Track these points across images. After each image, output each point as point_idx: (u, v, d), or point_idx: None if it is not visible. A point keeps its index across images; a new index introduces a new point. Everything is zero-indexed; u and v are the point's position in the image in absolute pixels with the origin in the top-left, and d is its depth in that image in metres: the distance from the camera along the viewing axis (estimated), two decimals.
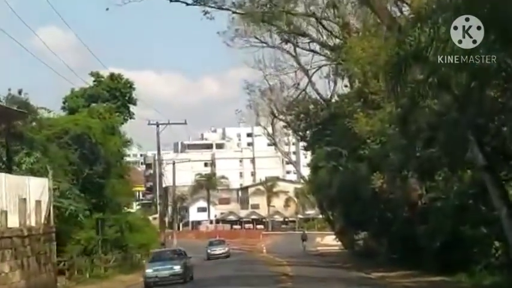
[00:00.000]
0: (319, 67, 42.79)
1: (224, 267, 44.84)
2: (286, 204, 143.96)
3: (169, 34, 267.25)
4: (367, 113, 34.00)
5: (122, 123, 61.77)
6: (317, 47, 42.30)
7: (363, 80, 34.92)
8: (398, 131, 28.41)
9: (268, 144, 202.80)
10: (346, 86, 38.52)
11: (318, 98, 43.66)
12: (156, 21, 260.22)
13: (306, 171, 70.82)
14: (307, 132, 45.30)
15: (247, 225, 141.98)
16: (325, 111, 41.32)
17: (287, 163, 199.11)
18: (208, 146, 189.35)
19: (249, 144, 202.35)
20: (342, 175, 40.40)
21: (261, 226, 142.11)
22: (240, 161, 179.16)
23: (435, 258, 30.68)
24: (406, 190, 30.38)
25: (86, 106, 57.96)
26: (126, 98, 61.86)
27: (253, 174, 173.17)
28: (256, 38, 48.32)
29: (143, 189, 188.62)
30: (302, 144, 48.02)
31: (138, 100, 61.86)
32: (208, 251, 65.04)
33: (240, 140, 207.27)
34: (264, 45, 48.39)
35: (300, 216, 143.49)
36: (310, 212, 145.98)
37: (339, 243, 65.00)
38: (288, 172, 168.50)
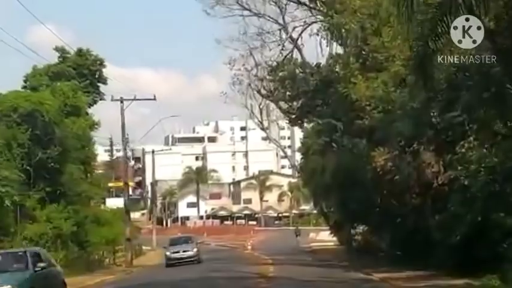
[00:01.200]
0: (308, 24, 35.97)
1: (190, 268, 38.24)
2: (280, 199, 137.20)
3: (166, 31, 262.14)
4: (367, 76, 27.47)
5: (91, 105, 55.27)
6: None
7: (361, 37, 28.33)
8: (410, 90, 21.87)
9: (263, 138, 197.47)
10: (340, 45, 31.63)
11: (307, 61, 36.75)
12: (152, 17, 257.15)
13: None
14: (294, 103, 38.10)
15: (239, 221, 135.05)
16: (316, 76, 34.34)
17: (282, 157, 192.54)
18: (200, 140, 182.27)
19: (243, 138, 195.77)
20: (337, 156, 33.69)
21: (254, 222, 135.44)
22: (233, 155, 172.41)
23: (453, 255, 24.19)
24: (417, 168, 23.61)
25: (50, 85, 51.35)
26: (96, 76, 55.26)
27: (246, 168, 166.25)
28: (239, 4, 41.86)
29: (132, 184, 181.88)
30: (287, 118, 40.85)
31: (108, 79, 55.20)
32: (168, 253, 45.40)
33: (233, 133, 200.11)
34: (247, 12, 41.91)
35: (294, 211, 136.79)
36: (305, 207, 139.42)
37: (335, 238, 58.51)
38: (283, 167, 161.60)
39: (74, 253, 39.68)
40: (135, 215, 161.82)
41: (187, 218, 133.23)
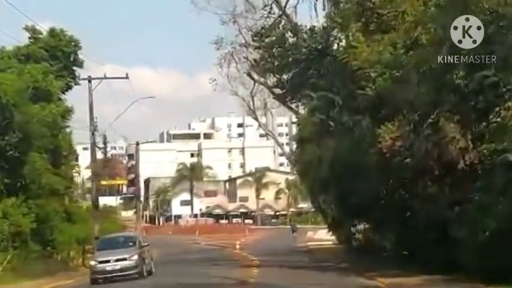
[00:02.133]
0: None
1: (160, 268, 32.99)
2: (277, 197, 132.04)
3: (164, 29, 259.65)
4: (372, 39, 22.54)
5: (66, 90, 50.28)
6: None
7: None
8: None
9: (261, 135, 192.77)
10: (339, 3, 26.35)
11: (299, 24, 31.29)
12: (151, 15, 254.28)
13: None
14: (284, 76, 32.66)
15: (235, 220, 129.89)
16: (309, 42, 29.02)
17: (280, 154, 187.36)
18: (196, 136, 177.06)
19: (240, 135, 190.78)
20: (335, 138, 28.56)
21: (250, 220, 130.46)
22: (229, 151, 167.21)
23: (479, 257, 19.32)
24: (437, 144, 18.46)
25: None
26: (71, 59, 50.22)
27: (242, 165, 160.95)
28: None
29: (125, 182, 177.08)
30: (275, 96, 35.71)
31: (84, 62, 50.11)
32: (93, 262, 29.56)
33: (230, 130, 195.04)
34: None
35: (292, 209, 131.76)
36: (303, 205, 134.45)
37: (333, 237, 53.51)
38: (281, 164, 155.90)
39: (34, 253, 34.61)
40: (127, 214, 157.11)
41: (181, 217, 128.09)
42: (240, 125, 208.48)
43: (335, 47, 26.65)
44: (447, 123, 17.89)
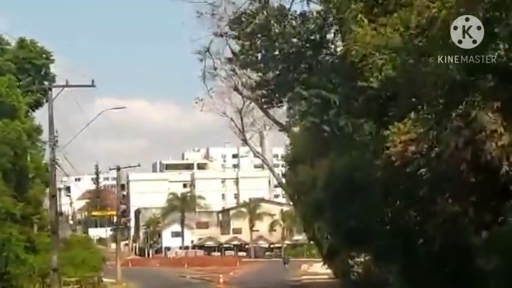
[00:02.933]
0: None
1: None
2: (272, 229, 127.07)
3: (159, 61, 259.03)
4: (377, 22, 18.08)
5: (35, 106, 45.86)
6: None
7: None
8: None
9: (255, 166, 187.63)
10: None
11: (287, 9, 26.31)
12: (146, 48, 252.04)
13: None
14: (270, 73, 27.45)
15: (227, 252, 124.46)
16: (300, 30, 24.13)
17: (275, 186, 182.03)
18: (189, 167, 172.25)
19: (235, 166, 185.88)
20: (331, 148, 23.88)
21: (244, 253, 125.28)
22: (223, 182, 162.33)
23: None
24: (470, 141, 13.63)
25: None
26: (41, 72, 45.88)
27: (236, 196, 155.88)
28: None
29: (114, 213, 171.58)
30: (259, 101, 30.81)
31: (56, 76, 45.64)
32: None
33: (225, 161, 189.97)
34: None
35: (287, 242, 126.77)
36: (299, 238, 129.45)
37: (329, 270, 48.70)
38: (276, 196, 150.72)
39: None
40: (113, 246, 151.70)
41: (170, 249, 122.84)
42: (234, 156, 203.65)
43: (331, 35, 22.20)
44: (484, 113, 13.27)
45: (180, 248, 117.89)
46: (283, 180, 49.70)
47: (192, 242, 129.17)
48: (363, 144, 19.27)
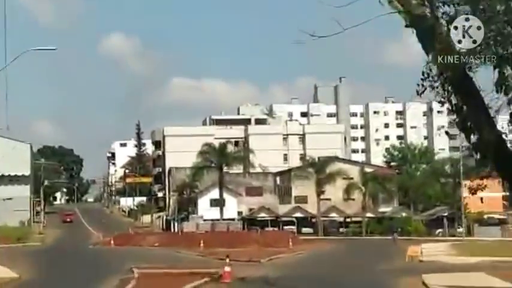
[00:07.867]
0: None
1: None
2: (348, 197, 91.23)
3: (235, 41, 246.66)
4: None
5: None
6: None
7: None
8: None
9: (328, 115, 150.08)
10: None
11: None
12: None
13: None
14: None
15: (287, 227, 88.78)
16: None
17: (352, 139, 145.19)
18: (245, 122, 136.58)
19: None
20: None
21: (309, 229, 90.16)
22: (285, 139, 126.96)
23: None
24: None
25: None
26: None
27: (302, 156, 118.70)
28: None
29: (150, 180, 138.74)
30: None
31: None
32: None
33: (291, 119, 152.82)
34: None
35: (369, 214, 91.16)
36: (386, 210, 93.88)
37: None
38: (354, 151, 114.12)
39: None
40: (144, 219, 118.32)
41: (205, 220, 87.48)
42: (303, 114, 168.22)
43: None
44: None
45: (218, 220, 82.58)
46: None
47: (242, 213, 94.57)
48: None
